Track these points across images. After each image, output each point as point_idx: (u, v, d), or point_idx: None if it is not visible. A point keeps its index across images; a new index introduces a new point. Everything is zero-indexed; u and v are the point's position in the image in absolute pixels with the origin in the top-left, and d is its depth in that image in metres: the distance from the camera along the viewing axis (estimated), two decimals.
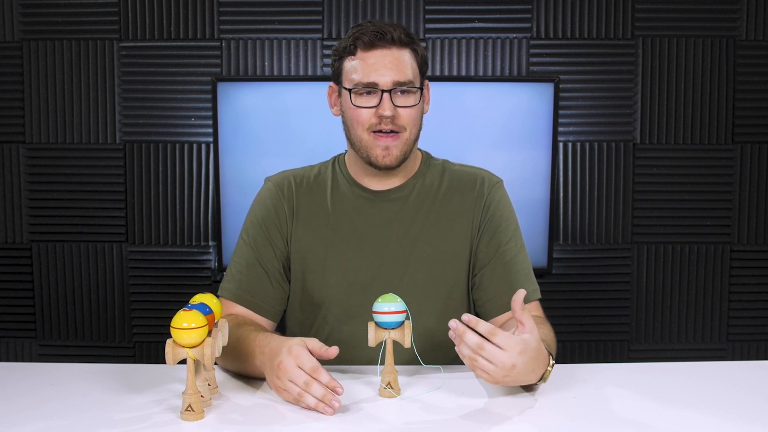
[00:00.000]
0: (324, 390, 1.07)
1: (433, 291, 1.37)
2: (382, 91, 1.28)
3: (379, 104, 1.29)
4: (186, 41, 2.47)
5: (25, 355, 2.57)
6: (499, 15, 2.47)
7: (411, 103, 1.31)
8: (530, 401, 1.14)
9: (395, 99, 1.29)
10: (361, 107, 1.30)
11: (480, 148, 2.39)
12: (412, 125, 1.32)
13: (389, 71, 1.28)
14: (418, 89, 1.32)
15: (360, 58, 1.29)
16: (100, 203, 2.51)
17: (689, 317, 2.57)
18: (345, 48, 1.31)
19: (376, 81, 1.28)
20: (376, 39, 1.28)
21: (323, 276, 1.37)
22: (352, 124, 1.33)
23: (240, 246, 1.40)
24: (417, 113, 1.33)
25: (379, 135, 1.30)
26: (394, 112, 1.29)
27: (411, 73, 1.30)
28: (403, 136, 1.31)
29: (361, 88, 1.29)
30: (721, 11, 2.46)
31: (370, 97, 1.30)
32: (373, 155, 1.32)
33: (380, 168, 1.33)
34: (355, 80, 1.29)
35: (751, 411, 1.10)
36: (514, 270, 1.37)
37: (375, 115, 1.29)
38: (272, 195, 1.41)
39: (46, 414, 1.08)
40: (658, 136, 2.50)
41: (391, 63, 1.28)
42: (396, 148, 1.31)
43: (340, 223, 1.38)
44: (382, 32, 1.28)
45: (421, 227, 1.38)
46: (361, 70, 1.29)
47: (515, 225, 1.41)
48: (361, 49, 1.29)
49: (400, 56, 1.29)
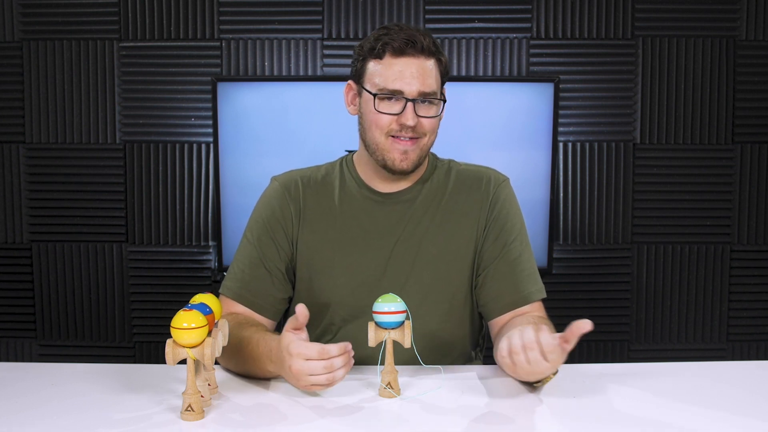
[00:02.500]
0: (343, 359, 1.09)
1: (437, 292, 1.37)
2: (407, 100, 1.27)
3: (401, 112, 1.28)
4: (186, 41, 2.47)
5: (25, 355, 2.57)
6: (499, 15, 2.47)
7: (432, 114, 1.30)
8: (530, 401, 1.14)
9: (418, 109, 1.28)
10: (383, 113, 1.29)
11: (480, 148, 2.38)
12: (431, 132, 1.32)
13: (416, 80, 1.27)
14: (441, 101, 1.31)
15: (387, 63, 1.28)
16: (100, 203, 2.51)
17: (689, 317, 2.57)
18: (372, 49, 1.29)
19: (401, 89, 1.27)
20: (406, 46, 1.26)
21: (331, 277, 1.37)
22: (370, 126, 1.32)
23: (243, 245, 1.40)
24: (437, 122, 1.33)
25: (397, 139, 1.30)
26: (417, 122, 1.28)
27: (435, 85, 1.29)
28: (421, 141, 1.31)
29: (385, 93, 1.28)
30: (721, 11, 2.46)
31: (393, 103, 1.28)
32: (390, 159, 1.31)
33: (395, 172, 1.33)
34: (380, 85, 1.28)
35: (751, 411, 1.10)
36: (519, 269, 1.37)
37: (396, 122, 1.29)
38: (278, 195, 1.40)
39: (46, 414, 1.08)
40: (658, 136, 2.50)
41: (418, 72, 1.27)
42: (414, 153, 1.31)
43: (348, 225, 1.38)
44: (413, 40, 1.26)
45: (427, 227, 1.38)
46: (388, 76, 1.27)
47: (521, 224, 1.41)
48: (389, 54, 1.27)
49: (427, 66, 1.28)
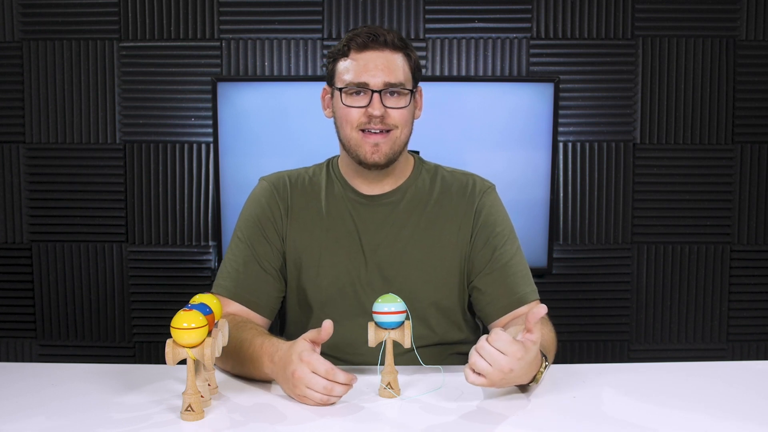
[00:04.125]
0: (344, 389, 1.10)
1: (423, 295, 1.37)
2: (373, 92, 1.29)
3: (369, 104, 1.29)
4: (186, 41, 2.47)
5: (25, 355, 2.57)
6: (499, 15, 2.47)
7: (401, 105, 1.32)
8: (530, 401, 1.14)
9: (385, 100, 1.30)
10: (351, 106, 1.31)
11: (480, 148, 2.38)
12: (403, 124, 1.33)
13: (380, 72, 1.29)
14: (410, 92, 1.32)
15: (352, 58, 1.30)
16: (100, 203, 2.51)
17: (689, 317, 2.57)
18: (339, 50, 1.32)
19: (366, 81, 1.29)
20: (369, 40, 1.29)
21: (317, 277, 1.38)
22: (341, 123, 1.33)
23: (235, 244, 1.40)
24: (407, 114, 1.33)
25: (368, 133, 1.31)
26: (384, 112, 1.30)
27: (402, 76, 1.31)
28: (393, 134, 1.32)
29: (352, 87, 1.30)
30: (721, 11, 2.46)
31: (361, 97, 1.31)
32: (362, 152, 1.32)
33: (369, 166, 1.33)
34: (347, 80, 1.30)
35: (751, 411, 1.10)
36: (511, 272, 1.37)
37: (365, 114, 1.30)
38: (267, 193, 1.41)
39: (46, 414, 1.08)
40: (658, 136, 2.50)
41: (383, 64, 1.29)
42: (385, 145, 1.31)
43: (334, 226, 1.39)
44: (375, 34, 1.29)
45: (412, 231, 1.38)
46: (353, 70, 1.30)
47: (509, 228, 1.41)
48: (354, 50, 1.30)
49: (393, 59, 1.30)
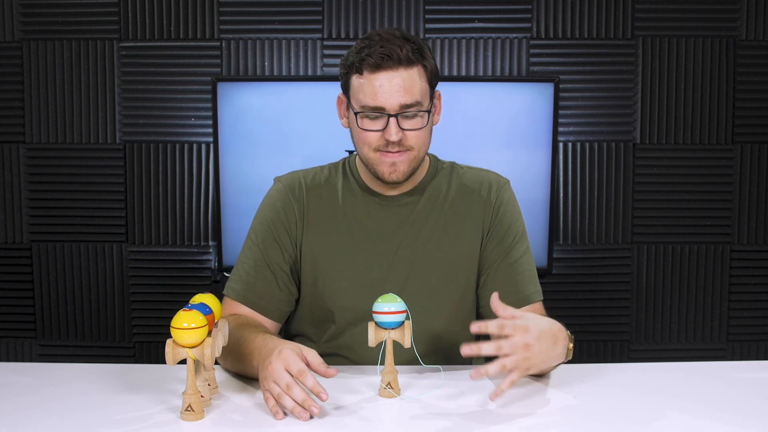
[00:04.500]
0: (305, 395, 1.05)
1: (443, 294, 1.37)
2: (389, 116, 1.26)
3: (385, 128, 1.27)
4: (186, 41, 2.46)
5: (25, 355, 2.57)
6: (499, 15, 2.47)
7: (418, 126, 1.28)
8: (530, 401, 1.14)
9: (402, 122, 1.27)
10: (367, 130, 1.28)
11: (480, 148, 2.38)
12: (421, 144, 1.31)
13: (395, 94, 1.25)
14: (426, 112, 1.29)
15: (366, 78, 1.26)
16: (100, 203, 2.51)
17: (689, 317, 2.56)
18: (352, 65, 1.28)
19: (382, 105, 1.25)
20: (382, 61, 1.24)
21: (336, 280, 1.37)
22: (358, 143, 1.32)
23: (248, 246, 1.40)
24: (425, 133, 1.31)
25: (386, 153, 1.29)
26: (401, 136, 1.27)
27: (419, 94, 1.27)
28: (410, 153, 1.30)
29: (367, 111, 1.27)
30: (721, 11, 2.46)
31: (377, 121, 1.28)
32: (380, 171, 1.31)
33: (387, 183, 1.33)
34: (362, 102, 1.27)
35: (751, 411, 1.10)
36: (519, 270, 1.38)
37: (381, 138, 1.28)
38: (282, 197, 1.40)
39: (46, 414, 1.08)
40: (658, 136, 2.50)
41: (399, 85, 1.25)
42: (403, 164, 1.30)
43: (352, 227, 1.38)
44: (389, 54, 1.24)
45: (431, 231, 1.38)
46: (368, 93, 1.26)
47: (522, 226, 1.42)
48: (367, 70, 1.25)
49: (408, 77, 1.26)
